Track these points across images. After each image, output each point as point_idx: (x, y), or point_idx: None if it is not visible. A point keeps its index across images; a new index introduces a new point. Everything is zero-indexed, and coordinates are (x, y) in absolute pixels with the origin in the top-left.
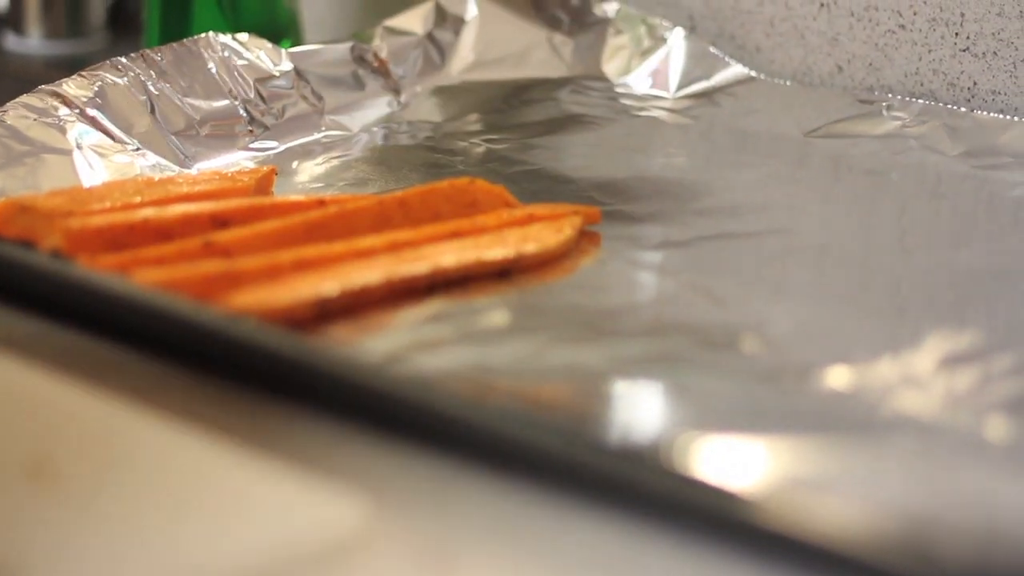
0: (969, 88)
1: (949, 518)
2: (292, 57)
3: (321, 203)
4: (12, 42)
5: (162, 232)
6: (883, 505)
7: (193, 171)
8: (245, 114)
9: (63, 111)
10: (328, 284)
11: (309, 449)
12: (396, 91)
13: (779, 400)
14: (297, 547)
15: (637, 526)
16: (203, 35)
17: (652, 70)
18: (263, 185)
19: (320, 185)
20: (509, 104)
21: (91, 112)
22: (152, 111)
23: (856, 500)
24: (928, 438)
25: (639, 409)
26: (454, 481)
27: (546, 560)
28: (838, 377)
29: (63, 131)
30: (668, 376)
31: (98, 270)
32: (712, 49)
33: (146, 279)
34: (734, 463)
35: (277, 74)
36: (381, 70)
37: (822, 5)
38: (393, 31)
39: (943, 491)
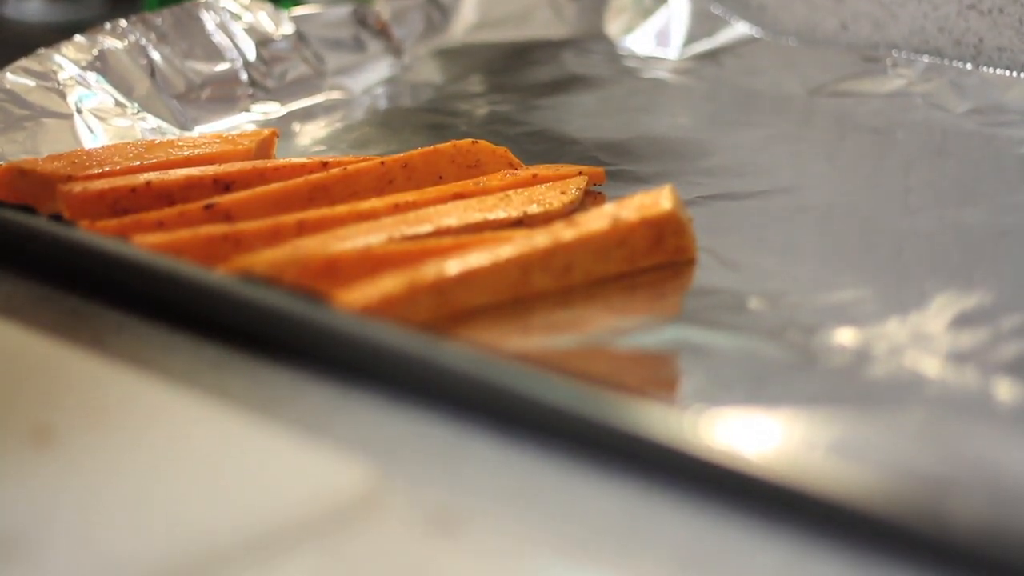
0: (975, 45)
1: (959, 480)
2: (293, 19)
3: (323, 165)
4: (12, 8)
5: (163, 196)
6: (895, 468)
7: (194, 134)
8: (246, 77)
9: (63, 75)
10: (338, 245)
11: (314, 413)
12: (398, 53)
13: (788, 364)
14: (302, 512)
15: (648, 491)
16: None
17: (655, 30)
18: (265, 148)
19: (322, 148)
20: (511, 65)
21: (91, 76)
22: (152, 74)
23: (868, 463)
24: (937, 399)
25: (648, 371)
26: (461, 446)
27: (554, 525)
28: (846, 338)
29: (63, 95)
30: (676, 338)
31: (99, 234)
32: (715, 9)
33: (147, 243)
34: (745, 428)
35: (278, 37)
36: (383, 32)
37: None
38: None
39: (953, 454)
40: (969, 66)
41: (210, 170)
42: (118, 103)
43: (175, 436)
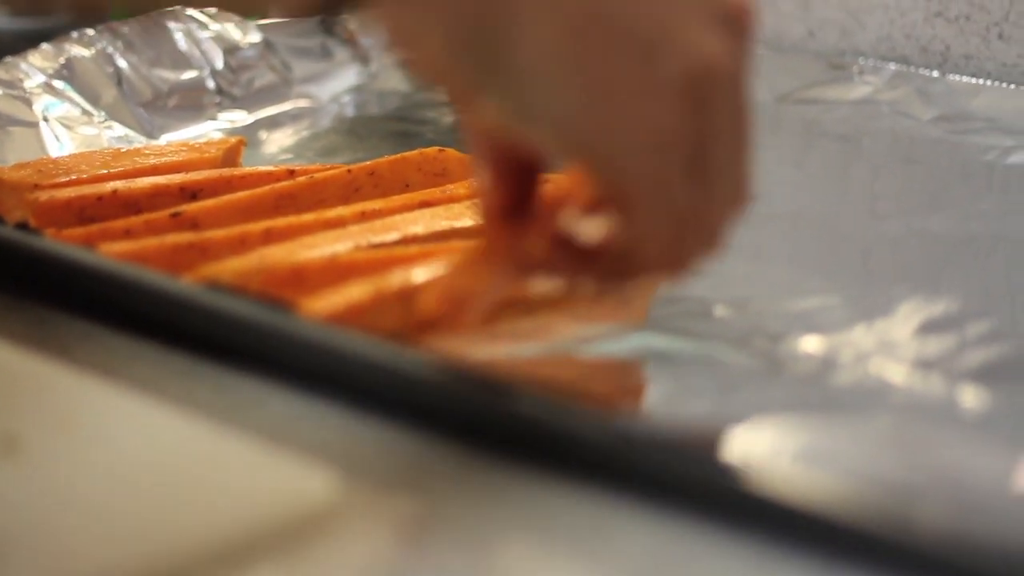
0: (942, 52)
1: (925, 487)
2: (260, 28)
3: (290, 173)
4: None
5: (130, 204)
6: (861, 475)
7: (161, 142)
8: (213, 85)
9: (29, 83)
10: (303, 253)
11: (279, 421)
12: (365, 61)
13: (754, 371)
14: (267, 520)
15: (614, 498)
16: (170, 7)
17: None
18: (231, 156)
19: (289, 156)
20: None
21: (57, 84)
22: (119, 83)
23: (834, 470)
24: (903, 407)
25: (614, 379)
26: (425, 453)
27: (519, 532)
28: (812, 345)
29: (29, 103)
30: (642, 345)
31: (66, 242)
32: None
33: (114, 251)
34: (710, 436)
35: (245, 45)
36: (350, 40)
37: None
38: None
39: (919, 461)
40: (936, 73)
41: (177, 178)
42: (85, 111)
43: (140, 444)
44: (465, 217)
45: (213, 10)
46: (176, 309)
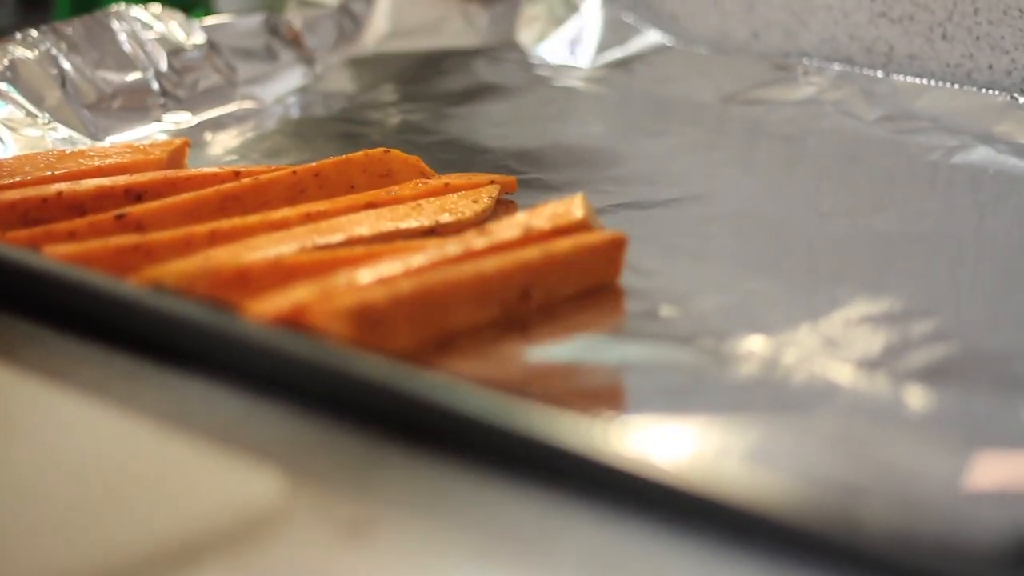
0: (886, 53)
1: (871, 486)
2: (205, 29)
3: (235, 175)
4: None
5: (75, 206)
6: (807, 475)
7: (105, 144)
8: (157, 86)
9: None
10: (248, 254)
11: (225, 423)
12: (310, 62)
13: (701, 371)
14: (214, 522)
15: (560, 499)
16: (114, 6)
17: (567, 39)
18: (176, 158)
19: (234, 157)
20: (424, 74)
21: (1, 86)
22: (63, 84)
23: (781, 470)
24: (849, 406)
25: (560, 381)
26: (372, 455)
27: (465, 533)
28: (758, 345)
29: None
30: (588, 347)
31: (10, 245)
32: (627, 17)
33: (58, 253)
34: (657, 435)
35: (189, 46)
36: (295, 41)
37: None
38: (306, 2)
39: (864, 461)
40: (880, 73)
41: (121, 180)
42: (29, 113)
43: (86, 447)
44: (410, 218)
45: (158, 9)
46: (121, 311)
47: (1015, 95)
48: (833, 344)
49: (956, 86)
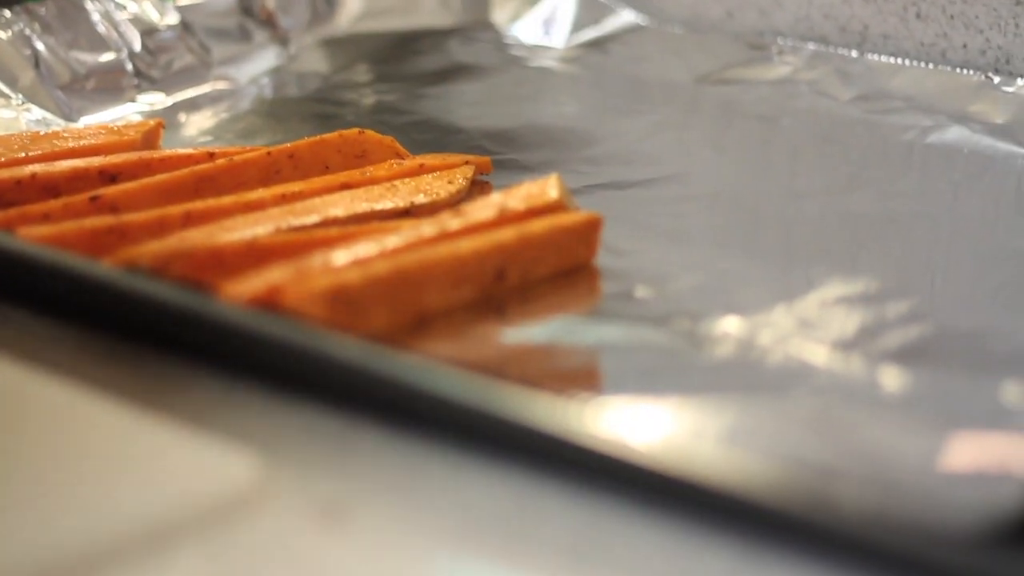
0: (860, 32)
1: (846, 467)
2: (179, 9)
3: (210, 156)
4: None
5: (49, 188)
6: (783, 456)
7: (79, 125)
8: (131, 67)
9: None
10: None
11: (201, 406)
12: (284, 42)
13: (676, 352)
14: (190, 505)
15: (536, 481)
16: None
17: (542, 18)
18: (150, 139)
19: (208, 138)
20: (398, 54)
21: None
22: (36, 65)
23: (756, 452)
24: (824, 388)
25: (536, 362)
26: (349, 437)
27: (442, 515)
28: (733, 326)
29: None
30: (564, 327)
31: None
32: None
33: (33, 235)
34: (632, 417)
35: (163, 27)
36: (269, 21)
37: None
38: None
39: (840, 442)
40: (854, 53)
41: (96, 161)
42: (2, 94)
43: (61, 430)
44: (385, 199)
45: None
46: (95, 293)
47: (989, 74)
48: (808, 325)
49: (931, 65)
